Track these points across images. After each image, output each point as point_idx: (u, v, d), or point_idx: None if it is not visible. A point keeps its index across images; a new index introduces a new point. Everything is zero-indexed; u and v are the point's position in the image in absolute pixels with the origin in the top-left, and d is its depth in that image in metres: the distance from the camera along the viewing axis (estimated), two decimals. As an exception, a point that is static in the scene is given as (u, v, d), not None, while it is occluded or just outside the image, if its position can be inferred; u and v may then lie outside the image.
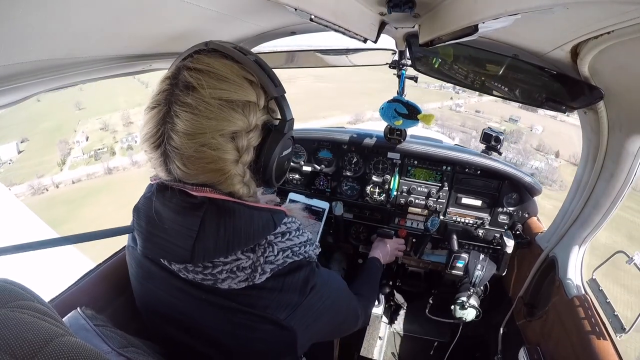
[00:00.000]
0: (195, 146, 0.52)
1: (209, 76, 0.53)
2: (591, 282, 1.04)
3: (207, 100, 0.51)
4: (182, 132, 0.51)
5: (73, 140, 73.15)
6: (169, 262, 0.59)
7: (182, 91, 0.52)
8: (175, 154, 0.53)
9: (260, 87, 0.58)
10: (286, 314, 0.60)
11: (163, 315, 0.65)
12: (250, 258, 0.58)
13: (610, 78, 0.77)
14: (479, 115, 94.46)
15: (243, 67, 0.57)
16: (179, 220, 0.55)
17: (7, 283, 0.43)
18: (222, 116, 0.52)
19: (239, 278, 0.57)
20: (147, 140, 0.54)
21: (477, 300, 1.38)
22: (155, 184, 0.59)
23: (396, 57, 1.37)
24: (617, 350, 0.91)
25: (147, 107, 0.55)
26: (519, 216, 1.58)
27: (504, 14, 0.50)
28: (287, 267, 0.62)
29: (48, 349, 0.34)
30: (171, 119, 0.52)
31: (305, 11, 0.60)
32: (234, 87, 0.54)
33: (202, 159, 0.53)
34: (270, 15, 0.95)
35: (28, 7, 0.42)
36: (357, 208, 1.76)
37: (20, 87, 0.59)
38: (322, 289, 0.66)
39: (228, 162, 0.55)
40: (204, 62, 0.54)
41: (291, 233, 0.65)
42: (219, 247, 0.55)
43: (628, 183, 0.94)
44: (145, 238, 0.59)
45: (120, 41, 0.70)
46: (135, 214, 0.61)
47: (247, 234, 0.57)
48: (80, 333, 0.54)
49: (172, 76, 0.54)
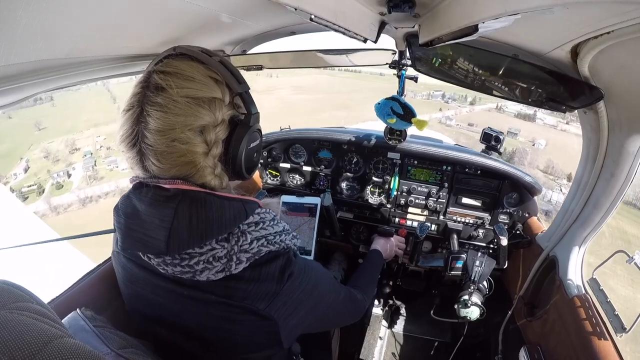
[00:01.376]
0: (167, 142, 0.55)
1: (177, 77, 0.57)
2: (591, 282, 1.04)
3: (175, 99, 0.55)
4: (154, 129, 0.55)
5: (12, 173, 58.03)
6: (147, 256, 0.61)
7: (153, 92, 0.56)
8: (149, 151, 0.56)
9: (225, 84, 0.62)
10: (265, 303, 0.61)
11: (150, 315, 0.67)
12: (225, 247, 0.60)
13: (610, 78, 0.77)
14: (472, 129, 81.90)
15: (208, 67, 0.61)
16: (154, 212, 0.57)
17: (6, 284, 0.42)
18: (189, 112, 0.56)
19: (216, 268, 0.59)
20: (123, 140, 0.58)
21: (480, 298, 1.37)
22: (133, 183, 0.62)
23: (396, 57, 1.37)
24: (617, 350, 0.91)
25: (122, 110, 0.58)
26: (519, 216, 1.58)
27: (504, 14, 0.50)
28: (264, 256, 0.63)
29: (47, 351, 0.34)
30: (144, 119, 0.55)
31: (305, 11, 0.60)
32: (200, 85, 0.58)
33: (174, 153, 0.56)
34: (270, 15, 0.95)
35: (28, 7, 0.42)
36: (357, 208, 1.76)
37: (20, 87, 0.59)
38: (300, 277, 0.67)
39: (198, 154, 0.58)
40: (172, 65, 0.58)
41: (265, 222, 0.66)
42: (193, 237, 0.57)
43: (628, 183, 0.94)
44: (124, 234, 0.61)
45: (120, 41, 0.70)
46: (115, 213, 0.63)
47: (219, 223, 0.59)
48: (80, 334, 0.54)
49: (143, 80, 0.58)
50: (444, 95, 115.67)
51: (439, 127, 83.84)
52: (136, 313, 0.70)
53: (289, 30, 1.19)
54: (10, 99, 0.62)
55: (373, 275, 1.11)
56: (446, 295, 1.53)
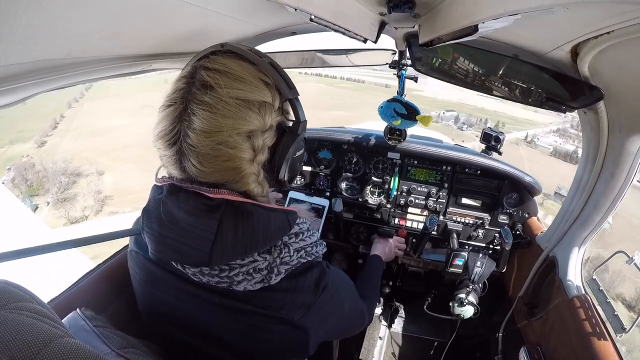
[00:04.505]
0: (212, 144, 0.52)
1: (226, 76, 0.54)
2: (591, 282, 1.04)
3: (224, 99, 0.52)
4: (200, 129, 0.52)
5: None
6: (182, 265, 0.58)
7: (200, 90, 0.52)
8: (191, 151, 0.53)
9: (275, 88, 0.59)
10: (300, 314, 0.61)
11: (168, 319, 0.64)
12: (266, 259, 0.58)
13: (610, 78, 0.77)
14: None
15: (259, 68, 0.58)
16: (195, 222, 0.54)
17: (6, 284, 0.42)
18: (239, 115, 0.53)
19: (255, 279, 0.57)
20: (162, 137, 0.55)
21: (476, 298, 1.38)
22: (166, 185, 0.58)
23: (396, 57, 1.37)
24: (617, 350, 0.91)
25: (162, 105, 0.55)
26: (519, 216, 1.58)
27: (504, 14, 0.50)
28: (299, 267, 0.62)
29: (47, 351, 0.34)
30: (188, 117, 0.52)
31: (305, 11, 0.60)
32: (251, 87, 0.55)
33: (219, 157, 0.53)
34: (270, 15, 0.95)
35: (28, 7, 0.42)
36: (357, 208, 1.76)
37: (20, 87, 0.59)
38: (333, 289, 0.66)
39: (244, 160, 0.55)
40: (221, 62, 0.55)
41: (303, 234, 0.66)
42: (237, 249, 0.55)
43: (628, 183, 0.94)
44: (156, 241, 0.58)
45: (120, 41, 0.70)
46: (145, 216, 0.60)
47: (264, 236, 0.57)
48: (80, 334, 0.54)
49: (188, 75, 0.55)
50: (458, 118, 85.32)
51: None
52: (150, 315, 0.67)
53: (289, 30, 1.19)
54: (10, 98, 0.62)
55: (376, 283, 1.11)
56: (445, 294, 1.54)
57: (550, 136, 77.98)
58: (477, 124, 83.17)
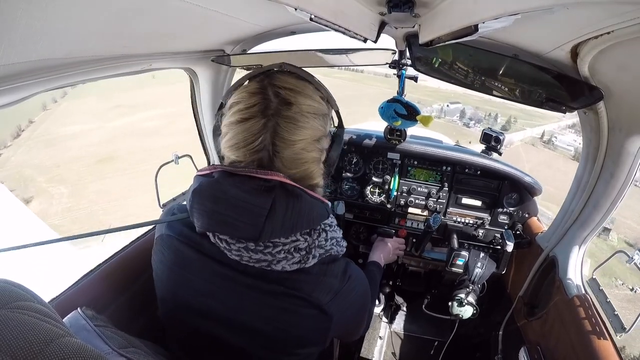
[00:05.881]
0: (296, 150, 0.63)
1: (299, 94, 0.65)
2: (591, 282, 1.04)
3: (304, 114, 0.64)
4: (287, 139, 0.62)
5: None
6: (226, 242, 0.62)
7: (283, 106, 0.62)
8: (276, 157, 0.62)
9: (327, 101, 0.72)
10: (329, 298, 0.66)
11: (194, 306, 0.65)
12: (307, 240, 0.65)
13: (610, 78, 0.77)
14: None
15: (315, 86, 0.70)
16: (251, 199, 0.59)
17: (7, 284, 0.43)
18: (313, 125, 0.65)
19: (294, 259, 0.63)
20: (245, 146, 0.62)
21: (475, 298, 1.38)
22: (220, 171, 0.63)
23: (396, 56, 1.37)
24: (617, 350, 0.91)
25: (237, 119, 0.63)
26: (519, 216, 1.58)
27: (504, 14, 0.50)
28: (328, 257, 0.69)
29: (49, 350, 0.34)
30: (272, 128, 0.61)
31: (305, 11, 0.60)
32: (316, 102, 0.68)
33: (300, 160, 0.64)
34: (270, 15, 0.95)
35: (28, 7, 0.42)
36: (357, 208, 1.76)
37: (20, 87, 0.59)
38: (356, 281, 0.73)
39: (316, 161, 0.68)
40: (290, 82, 0.66)
41: (333, 226, 0.74)
42: (285, 227, 0.61)
43: (628, 183, 0.94)
44: (209, 216, 0.61)
45: (120, 41, 0.70)
46: (196, 196, 0.63)
47: (308, 218, 0.64)
48: (81, 333, 0.54)
49: (259, 92, 0.63)
50: (463, 113, 69.30)
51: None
52: (172, 301, 0.68)
53: (289, 30, 1.19)
54: (10, 98, 0.62)
55: (374, 290, 1.12)
56: (444, 294, 1.54)
57: (567, 133, 66.02)
58: (485, 119, 70.05)
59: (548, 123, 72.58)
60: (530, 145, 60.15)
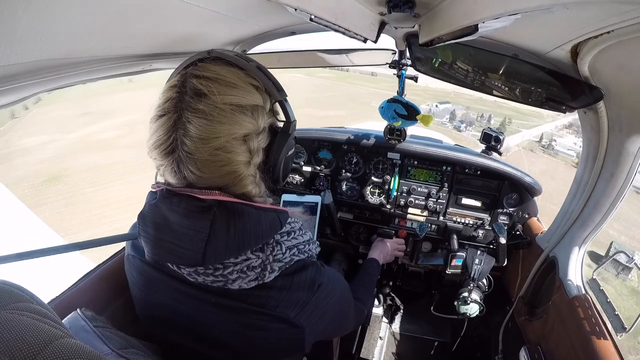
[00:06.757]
0: (210, 150, 0.54)
1: (218, 83, 0.55)
2: (591, 282, 1.04)
3: (219, 106, 0.54)
4: (197, 137, 0.53)
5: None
6: (177, 266, 0.59)
7: (193, 98, 0.54)
8: (189, 159, 0.54)
9: (265, 91, 0.61)
10: (295, 311, 0.62)
11: (165, 321, 0.65)
12: (259, 257, 0.60)
13: (610, 78, 0.77)
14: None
15: (248, 73, 0.59)
16: (188, 224, 0.56)
17: (6, 285, 0.42)
18: (234, 120, 0.55)
19: (249, 277, 0.59)
20: (157, 147, 0.55)
21: (479, 295, 1.38)
22: (161, 191, 0.59)
23: (396, 57, 1.37)
24: (617, 350, 0.91)
25: (153, 116, 0.56)
26: (519, 216, 1.58)
27: (504, 14, 0.50)
28: (293, 265, 0.64)
29: (48, 351, 0.34)
30: (183, 125, 0.53)
31: (305, 11, 0.60)
32: (242, 92, 0.57)
33: (217, 162, 0.55)
34: (270, 15, 0.95)
35: (28, 7, 0.42)
36: (357, 208, 1.76)
37: (20, 87, 0.59)
38: (328, 288, 0.68)
39: (241, 164, 0.57)
40: (211, 69, 0.56)
41: (295, 232, 0.68)
42: (230, 248, 0.57)
43: (628, 183, 0.94)
44: (153, 244, 0.59)
45: (120, 41, 0.70)
46: (140, 221, 0.61)
47: (256, 234, 0.59)
48: (80, 334, 0.54)
49: (179, 84, 0.56)
50: (454, 115, 64.82)
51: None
52: (147, 317, 0.68)
53: (289, 30, 1.19)
54: (10, 98, 0.62)
55: (370, 286, 1.12)
56: (447, 294, 1.54)
57: (566, 135, 62.99)
58: (478, 121, 65.14)
59: (543, 123, 70.58)
60: (529, 151, 55.70)
